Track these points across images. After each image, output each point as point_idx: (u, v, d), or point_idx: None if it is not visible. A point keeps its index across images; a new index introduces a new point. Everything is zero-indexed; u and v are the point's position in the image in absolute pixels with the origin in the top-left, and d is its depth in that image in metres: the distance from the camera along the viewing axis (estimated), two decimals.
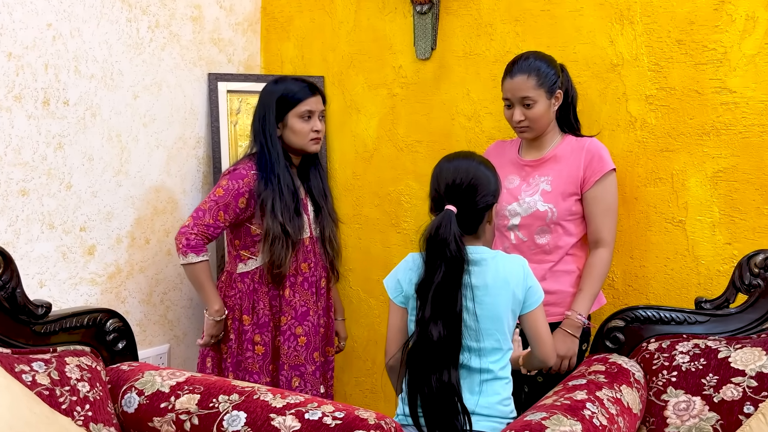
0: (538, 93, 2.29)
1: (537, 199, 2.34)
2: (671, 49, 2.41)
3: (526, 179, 2.39)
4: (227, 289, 2.61)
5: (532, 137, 2.38)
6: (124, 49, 2.76)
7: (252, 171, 2.52)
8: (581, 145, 2.35)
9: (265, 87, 2.60)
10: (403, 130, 3.01)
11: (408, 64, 2.96)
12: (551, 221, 2.32)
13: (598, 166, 2.30)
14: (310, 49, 3.22)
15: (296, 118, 2.52)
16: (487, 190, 1.87)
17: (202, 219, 2.49)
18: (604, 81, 2.52)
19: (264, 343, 2.57)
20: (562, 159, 2.35)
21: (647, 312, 2.20)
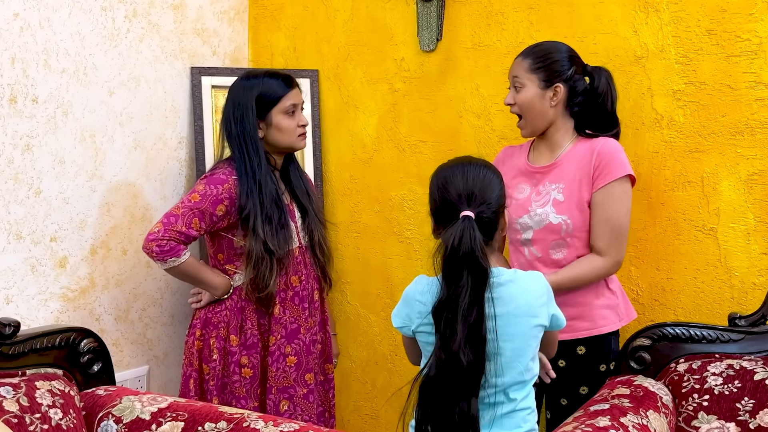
0: (530, 77, 2.30)
1: (549, 210, 2.31)
2: (701, 39, 2.42)
3: (536, 187, 2.37)
4: (211, 304, 2.61)
5: (528, 134, 2.37)
6: (98, 40, 2.77)
7: (233, 177, 2.51)
8: (593, 145, 2.31)
9: (235, 85, 2.58)
10: (405, 129, 3.01)
11: (411, 56, 2.97)
12: (567, 234, 2.30)
13: (606, 170, 2.26)
14: (302, 40, 3.22)
15: (281, 115, 2.53)
16: (500, 192, 1.89)
17: (174, 225, 2.46)
18: (627, 75, 2.53)
19: (252, 365, 2.57)
20: (575, 163, 2.32)
21: (676, 329, 2.20)
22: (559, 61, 2.30)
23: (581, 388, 2.34)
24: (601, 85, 2.34)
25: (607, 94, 2.34)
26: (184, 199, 2.51)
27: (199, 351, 2.60)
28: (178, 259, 2.48)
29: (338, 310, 3.19)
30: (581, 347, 2.33)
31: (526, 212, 2.35)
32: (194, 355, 2.60)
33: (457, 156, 2.01)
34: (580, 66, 2.34)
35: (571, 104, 2.33)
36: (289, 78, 2.57)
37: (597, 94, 2.33)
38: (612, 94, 2.35)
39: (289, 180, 2.65)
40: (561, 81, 2.30)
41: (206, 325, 2.60)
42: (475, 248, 1.77)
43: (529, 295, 1.88)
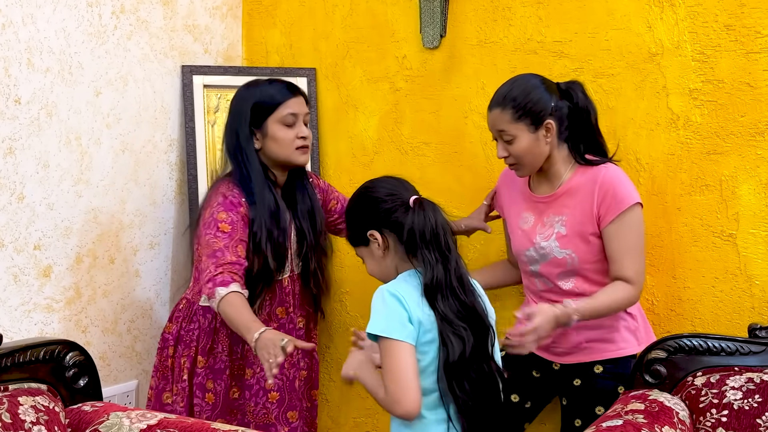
0: (517, 127, 2.29)
1: (553, 244, 2.35)
2: (719, 35, 2.44)
3: (540, 219, 2.41)
4: (185, 320, 2.58)
5: (527, 174, 2.40)
6: (84, 38, 2.78)
7: (243, 198, 2.46)
8: (594, 177, 2.32)
9: (235, 94, 2.56)
10: (408, 131, 3.03)
11: (413, 53, 2.99)
12: (572, 267, 2.34)
13: (612, 204, 2.28)
14: (299, 37, 3.24)
15: (277, 124, 2.47)
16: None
17: (223, 258, 2.32)
18: (641, 73, 2.55)
19: (216, 392, 2.54)
20: (577, 194, 2.34)
21: (693, 341, 2.21)
22: (538, 98, 2.30)
23: (597, 408, 2.36)
24: (580, 100, 2.36)
25: (588, 107, 2.37)
26: (212, 235, 2.38)
27: (171, 368, 2.59)
28: (223, 289, 2.28)
29: (337, 321, 3.20)
30: (599, 366, 2.37)
31: (531, 245, 2.39)
32: (168, 371, 2.59)
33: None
34: (556, 90, 2.35)
35: (561, 131, 2.35)
36: (292, 85, 2.52)
37: (580, 110, 2.36)
38: (592, 105, 2.38)
39: (293, 200, 2.57)
40: (548, 116, 2.31)
41: (178, 342, 2.58)
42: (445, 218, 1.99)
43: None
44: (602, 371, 2.36)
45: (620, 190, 2.29)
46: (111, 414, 2.08)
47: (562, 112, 2.34)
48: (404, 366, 1.88)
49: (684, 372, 2.21)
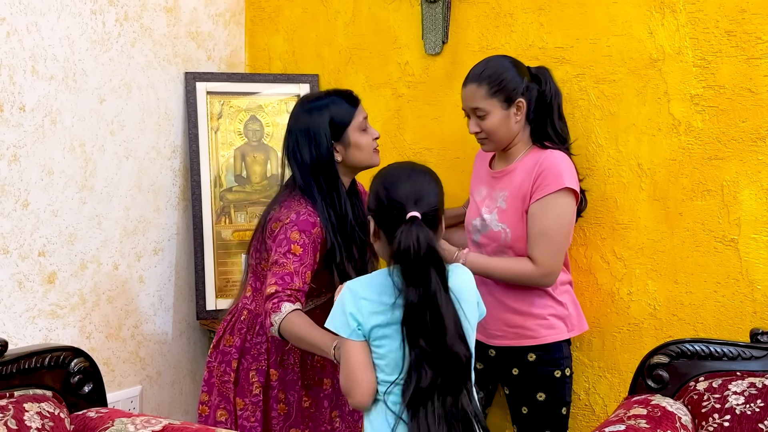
0: (491, 103, 2.39)
1: (493, 217, 2.46)
2: (720, 41, 2.44)
3: (491, 192, 2.51)
4: (249, 332, 2.51)
5: (493, 149, 2.50)
6: (88, 45, 2.80)
7: (316, 217, 2.42)
8: (538, 158, 2.43)
9: (297, 112, 2.51)
10: (410, 137, 3.04)
11: (415, 60, 3.00)
12: (505, 243, 2.43)
13: (542, 184, 2.37)
14: (302, 44, 3.25)
15: (357, 132, 2.49)
16: (439, 197, 2.02)
17: (291, 284, 2.32)
18: (643, 79, 2.56)
19: (288, 402, 2.51)
20: (522, 173, 2.44)
21: (695, 346, 2.22)
22: (512, 77, 2.41)
23: (538, 395, 2.45)
24: (549, 85, 2.49)
25: (555, 92, 2.49)
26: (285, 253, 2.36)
27: (234, 382, 2.50)
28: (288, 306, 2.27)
29: None
30: (531, 354, 2.45)
31: (478, 215, 2.50)
32: (229, 387, 2.50)
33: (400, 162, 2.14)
34: (527, 73, 2.47)
35: (528, 113, 2.46)
36: (352, 93, 2.55)
37: (545, 95, 2.48)
38: (558, 91, 2.51)
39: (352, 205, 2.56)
40: (520, 96, 2.41)
41: (244, 354, 2.51)
42: (433, 245, 1.91)
43: (470, 283, 2.05)
44: (536, 359, 2.44)
45: (554, 172, 2.38)
46: (116, 420, 2.09)
47: (531, 94, 2.45)
48: (352, 362, 1.98)
49: (686, 377, 2.21)
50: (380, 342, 1.96)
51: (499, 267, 2.41)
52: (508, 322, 2.48)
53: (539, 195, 2.37)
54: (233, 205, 3.19)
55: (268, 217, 2.47)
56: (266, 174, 3.23)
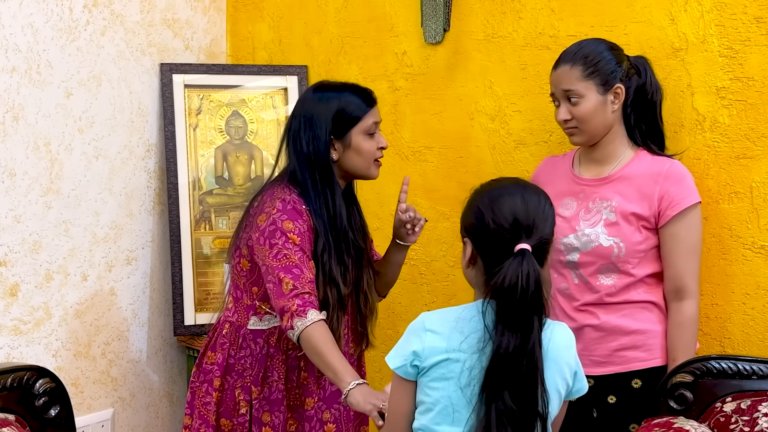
0: (586, 85, 2.34)
1: (600, 231, 2.38)
2: (748, 28, 2.45)
3: (585, 203, 2.43)
4: (232, 347, 2.51)
5: (583, 142, 2.42)
6: (53, 34, 2.81)
7: (304, 206, 2.43)
8: (659, 168, 2.37)
9: (307, 97, 2.51)
10: (408, 134, 3.05)
11: (414, 49, 3.01)
12: (618, 259, 2.36)
13: (678, 197, 2.34)
14: (289, 32, 3.26)
15: (362, 135, 2.44)
16: (553, 224, 1.90)
17: (302, 276, 2.32)
18: (664, 70, 2.56)
19: (274, 425, 2.48)
20: (633, 181, 2.38)
21: (722, 363, 2.22)
22: (610, 59, 2.37)
23: (631, 426, 2.38)
24: (650, 78, 2.43)
25: (658, 89, 2.44)
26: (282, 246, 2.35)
27: (217, 403, 2.49)
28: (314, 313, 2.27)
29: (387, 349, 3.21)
30: (636, 380, 2.37)
31: (573, 231, 2.41)
32: (210, 408, 2.49)
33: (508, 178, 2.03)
34: (626, 60, 2.41)
35: (625, 106, 2.41)
36: (370, 93, 2.52)
37: (645, 91, 2.42)
38: (660, 87, 2.45)
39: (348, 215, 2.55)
40: (618, 81, 2.36)
41: (228, 372, 2.50)
42: (540, 289, 1.80)
43: (570, 347, 1.91)
44: (641, 386, 2.37)
45: (687, 185, 2.37)
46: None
47: (630, 83, 2.40)
48: (393, 403, 1.95)
49: (712, 397, 2.21)
50: (437, 384, 1.87)
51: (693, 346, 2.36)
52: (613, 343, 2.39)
53: (676, 211, 2.34)
54: (214, 209, 3.19)
55: (250, 211, 2.47)
56: (250, 175, 3.24)
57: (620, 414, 2.39)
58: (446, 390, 1.85)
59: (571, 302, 2.43)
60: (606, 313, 2.39)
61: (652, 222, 2.36)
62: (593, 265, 2.39)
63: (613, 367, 2.39)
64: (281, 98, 3.25)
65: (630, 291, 2.38)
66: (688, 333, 2.36)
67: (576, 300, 2.42)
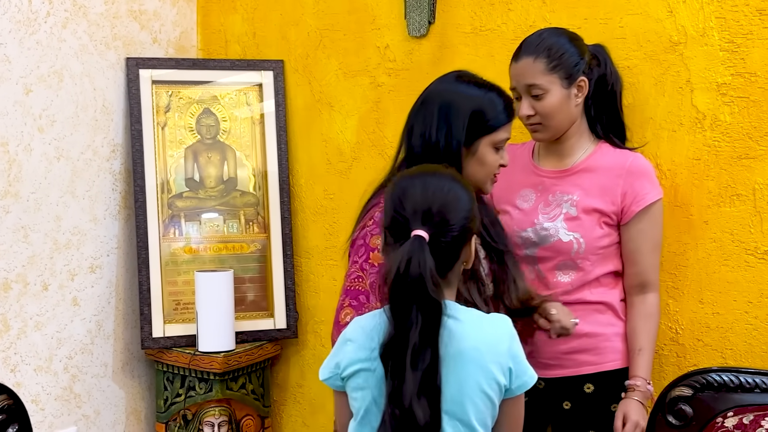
0: (550, 79, 2.36)
1: (559, 225, 2.43)
2: (750, 21, 2.47)
3: (544, 196, 2.48)
4: None
5: (548, 138, 2.45)
6: (11, 26, 2.80)
7: None
8: (622, 161, 2.42)
9: (447, 84, 2.34)
10: (391, 133, 3.05)
11: (397, 43, 3.02)
12: (577, 255, 2.41)
13: (642, 192, 2.39)
14: (264, 24, 3.27)
15: (489, 147, 2.27)
16: (467, 214, 1.89)
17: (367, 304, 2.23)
18: (662, 65, 2.58)
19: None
20: (595, 175, 2.43)
21: (723, 376, 2.23)
22: (576, 51, 2.39)
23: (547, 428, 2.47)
24: (610, 68, 2.48)
25: (617, 79, 2.49)
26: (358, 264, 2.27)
27: None
28: None
29: (311, 356, 3.23)
30: (589, 385, 2.42)
31: (531, 225, 2.45)
32: None
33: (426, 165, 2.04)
34: (587, 49, 2.44)
35: (586, 99, 2.44)
36: (512, 103, 2.35)
37: (606, 82, 2.47)
38: (619, 77, 2.50)
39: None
40: (581, 74, 2.39)
41: None
42: (425, 275, 1.78)
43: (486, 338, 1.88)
44: (593, 390, 2.42)
45: (651, 179, 2.42)
46: None
47: (592, 74, 2.43)
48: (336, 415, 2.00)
49: (713, 412, 2.23)
50: (356, 394, 1.90)
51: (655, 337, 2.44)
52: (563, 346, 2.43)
53: (641, 206, 2.39)
54: (184, 213, 3.19)
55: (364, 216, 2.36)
56: (222, 177, 3.24)
57: (576, 420, 2.44)
58: (364, 400, 1.88)
59: None
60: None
61: (614, 218, 2.41)
62: (551, 260, 2.44)
63: (564, 371, 2.44)
64: (256, 95, 3.26)
65: (584, 290, 2.43)
66: (653, 323, 2.43)
67: None
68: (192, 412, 3.07)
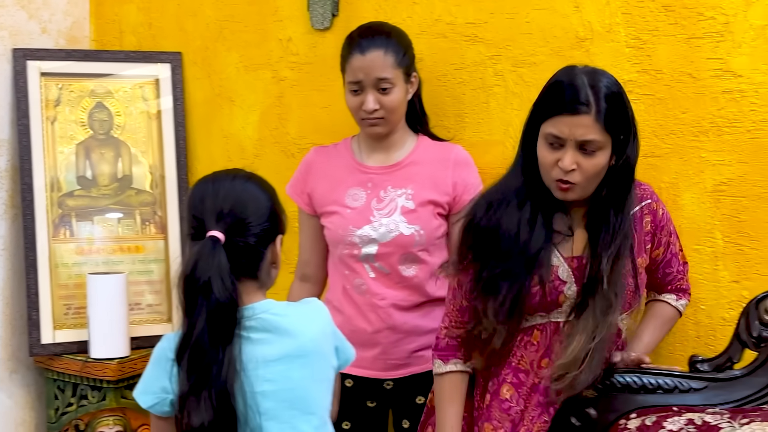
0: (397, 74, 2.49)
1: (398, 219, 2.52)
2: (656, 17, 2.52)
3: (375, 192, 2.57)
4: None
5: (384, 133, 2.56)
6: None
7: None
8: (446, 154, 2.57)
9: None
10: (295, 129, 3.07)
11: (300, 36, 3.04)
12: (419, 247, 2.51)
13: (471, 181, 2.55)
14: (160, 15, 3.26)
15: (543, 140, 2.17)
16: (269, 215, 1.97)
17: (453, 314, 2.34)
18: (568, 61, 2.59)
19: None
20: (423, 167, 2.55)
21: (626, 377, 2.27)
22: (409, 44, 2.55)
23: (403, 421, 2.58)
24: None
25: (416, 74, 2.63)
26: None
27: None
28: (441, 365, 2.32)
29: None
30: None
31: (368, 222, 2.54)
32: None
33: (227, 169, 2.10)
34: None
35: None
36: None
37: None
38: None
39: None
40: (414, 69, 2.55)
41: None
42: (213, 278, 1.84)
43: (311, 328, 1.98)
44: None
45: (475, 169, 2.58)
46: None
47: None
48: None
49: (616, 414, 2.26)
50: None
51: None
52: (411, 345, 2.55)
53: (473, 193, 2.47)
54: (75, 213, 3.16)
55: None
56: (117, 174, 3.21)
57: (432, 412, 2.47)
58: None
59: (368, 299, 2.54)
60: (402, 313, 2.53)
61: (446, 208, 2.54)
62: (393, 255, 2.53)
63: (413, 368, 2.55)
64: (152, 89, 3.24)
65: (429, 285, 2.53)
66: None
67: (375, 295, 2.53)
68: (85, 422, 3.05)
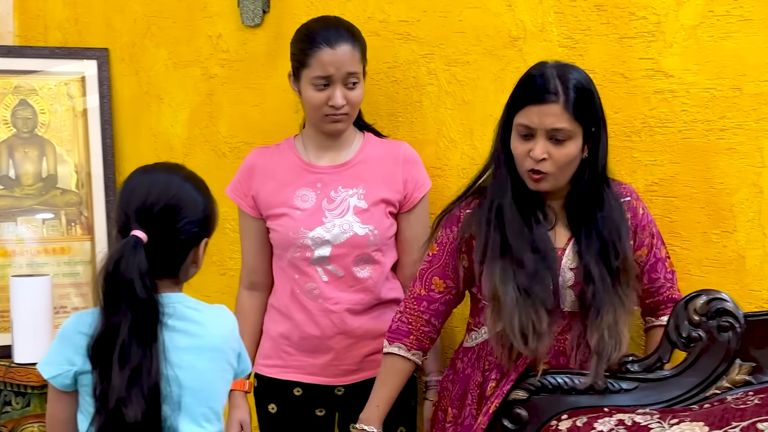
0: (361, 69, 2.54)
1: (351, 219, 2.54)
2: (588, 16, 2.55)
3: (326, 193, 2.58)
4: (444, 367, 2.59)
5: (345, 128, 2.58)
6: None
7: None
8: (394, 151, 2.60)
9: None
10: (225, 128, 3.07)
11: (230, 32, 3.04)
12: (373, 247, 2.54)
13: (421, 179, 2.59)
14: (86, 9, 3.24)
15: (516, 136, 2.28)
16: (193, 215, 1.97)
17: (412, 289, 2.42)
18: (501, 60, 2.65)
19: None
20: (373, 166, 2.59)
21: (557, 378, 2.30)
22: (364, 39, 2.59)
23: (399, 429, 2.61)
24: None
25: None
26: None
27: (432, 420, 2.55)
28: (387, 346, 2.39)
29: None
30: None
31: (320, 224, 2.54)
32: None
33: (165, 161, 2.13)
34: None
35: None
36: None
37: None
38: None
39: None
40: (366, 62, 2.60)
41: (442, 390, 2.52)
42: (134, 277, 1.86)
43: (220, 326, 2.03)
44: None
45: (423, 167, 2.61)
46: None
47: None
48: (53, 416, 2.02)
49: (547, 415, 2.28)
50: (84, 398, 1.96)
51: None
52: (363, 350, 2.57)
53: (420, 194, 2.55)
54: None
55: None
56: (41, 174, 3.20)
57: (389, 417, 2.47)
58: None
59: (321, 304, 2.55)
60: (356, 317, 2.55)
61: (397, 206, 2.57)
62: (347, 257, 2.54)
63: (365, 373, 2.57)
64: (78, 86, 3.23)
65: (381, 286, 2.57)
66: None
67: (328, 300, 2.54)
68: (9, 428, 3.03)
